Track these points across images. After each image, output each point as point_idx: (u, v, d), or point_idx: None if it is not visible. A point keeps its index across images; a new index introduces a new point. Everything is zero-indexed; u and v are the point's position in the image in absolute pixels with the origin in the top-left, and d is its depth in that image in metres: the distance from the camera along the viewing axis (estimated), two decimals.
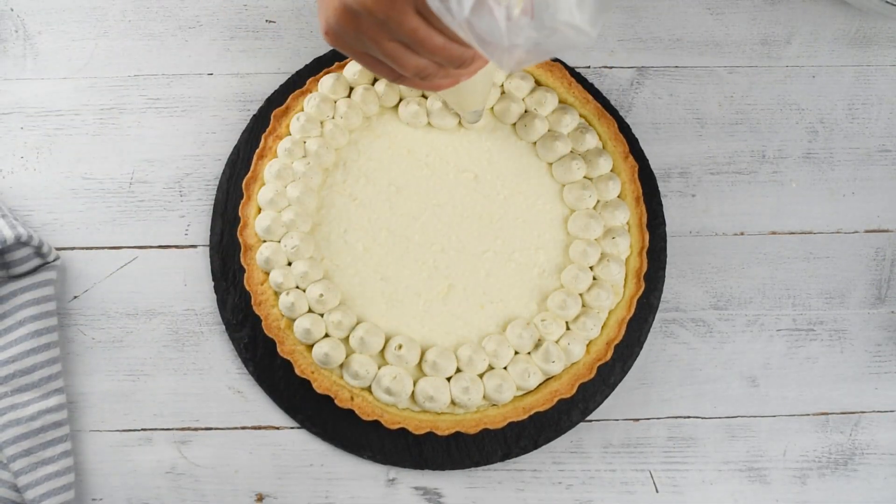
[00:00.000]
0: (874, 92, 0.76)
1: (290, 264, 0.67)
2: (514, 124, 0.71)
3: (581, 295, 0.68)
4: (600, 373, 0.68)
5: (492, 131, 0.71)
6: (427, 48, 0.48)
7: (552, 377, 0.67)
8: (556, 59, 0.72)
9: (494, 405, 0.66)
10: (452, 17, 0.41)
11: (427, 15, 0.46)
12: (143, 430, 0.68)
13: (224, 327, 0.70)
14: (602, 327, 0.68)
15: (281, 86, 0.72)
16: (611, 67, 0.75)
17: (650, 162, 0.73)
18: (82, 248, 0.71)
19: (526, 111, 0.70)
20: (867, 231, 0.74)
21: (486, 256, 0.69)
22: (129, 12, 0.74)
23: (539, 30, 0.40)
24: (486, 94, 0.64)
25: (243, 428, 0.69)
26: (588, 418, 0.69)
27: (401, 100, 0.70)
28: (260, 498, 0.68)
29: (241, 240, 0.68)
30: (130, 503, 0.67)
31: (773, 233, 0.73)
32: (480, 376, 0.66)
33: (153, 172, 0.72)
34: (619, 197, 0.70)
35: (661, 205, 0.72)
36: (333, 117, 0.69)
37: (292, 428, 0.69)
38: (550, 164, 0.70)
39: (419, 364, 0.66)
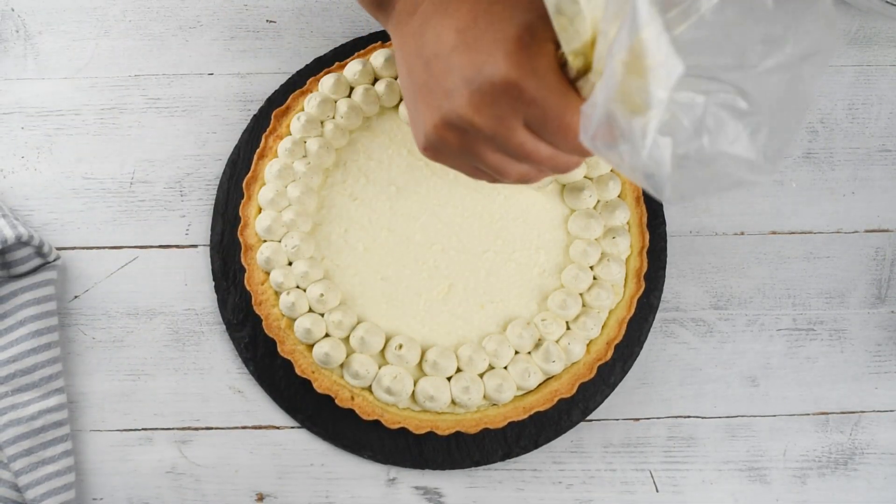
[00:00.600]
0: (874, 92, 0.76)
1: (290, 264, 0.67)
2: None
3: (581, 295, 0.68)
4: (600, 372, 0.68)
5: None
6: (535, 160, 0.46)
7: (552, 377, 0.67)
8: None
9: (495, 405, 0.66)
10: (621, 161, 0.38)
11: (536, 128, 0.44)
12: (143, 429, 0.68)
13: (224, 327, 0.70)
14: (602, 327, 0.68)
15: (281, 86, 0.72)
16: None
17: None
18: (83, 248, 0.71)
19: None
20: (867, 231, 0.74)
21: (486, 256, 0.69)
22: (130, 12, 0.74)
23: (704, 162, 0.37)
24: None
25: (244, 428, 0.69)
26: (588, 418, 0.69)
27: (401, 100, 0.70)
28: (260, 497, 0.68)
29: (241, 240, 0.68)
30: (131, 503, 0.67)
31: (773, 233, 0.73)
32: (481, 376, 0.66)
33: (154, 172, 0.72)
34: (619, 197, 0.70)
35: (662, 204, 0.72)
36: (334, 117, 0.69)
37: (293, 428, 0.69)
38: None
39: (419, 364, 0.66)
